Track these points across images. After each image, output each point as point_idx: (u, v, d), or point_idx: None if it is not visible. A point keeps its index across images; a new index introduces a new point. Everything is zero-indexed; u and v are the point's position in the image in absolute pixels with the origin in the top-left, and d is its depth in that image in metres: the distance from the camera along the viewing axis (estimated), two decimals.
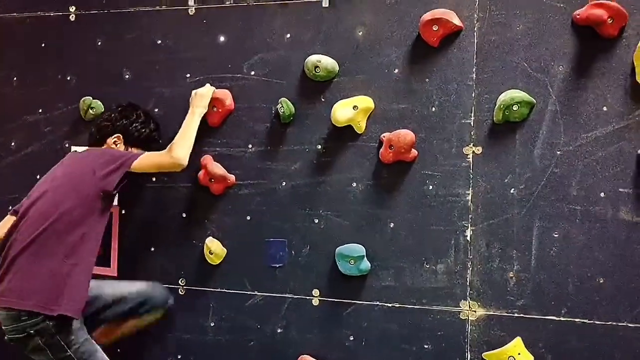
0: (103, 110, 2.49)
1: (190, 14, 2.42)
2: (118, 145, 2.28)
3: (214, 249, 2.38)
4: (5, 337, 2.06)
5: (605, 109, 2.04)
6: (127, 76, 2.48)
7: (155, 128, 2.37)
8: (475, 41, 2.16)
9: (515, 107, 2.09)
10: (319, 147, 2.31)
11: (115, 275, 2.52)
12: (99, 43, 2.52)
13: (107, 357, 2.15)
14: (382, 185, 2.25)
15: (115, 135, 2.28)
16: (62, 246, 2.05)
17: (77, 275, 2.06)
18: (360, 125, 2.26)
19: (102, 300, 2.24)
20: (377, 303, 2.24)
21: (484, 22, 2.15)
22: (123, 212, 2.52)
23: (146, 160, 2.16)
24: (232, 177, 2.39)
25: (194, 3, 2.42)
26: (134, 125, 2.30)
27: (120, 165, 2.13)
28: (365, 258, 2.23)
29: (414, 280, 2.20)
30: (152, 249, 2.48)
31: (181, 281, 2.45)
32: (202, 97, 2.29)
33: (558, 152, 2.08)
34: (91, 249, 2.13)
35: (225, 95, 2.37)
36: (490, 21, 2.14)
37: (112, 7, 2.51)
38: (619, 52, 2.02)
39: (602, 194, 2.03)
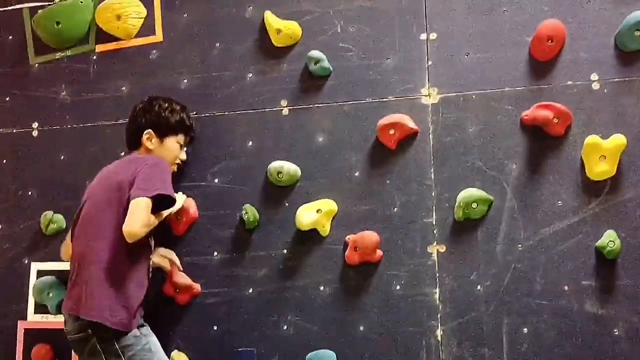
0: (64, 225, 2.46)
1: None
2: (153, 141, 2.21)
3: None
4: (68, 338, 2.08)
5: (560, 203, 2.10)
6: None
7: (182, 109, 2.29)
8: (431, 143, 2.24)
9: (474, 205, 2.14)
10: (285, 251, 2.31)
11: None
12: (62, 157, 2.53)
13: None
14: (349, 288, 2.24)
15: (146, 132, 2.21)
16: (106, 257, 2.02)
17: (123, 289, 2.02)
18: (325, 228, 2.28)
19: None
20: None
21: (438, 124, 2.23)
22: None
23: (141, 217, 2.00)
24: (197, 287, 2.35)
25: None
26: (160, 115, 2.22)
27: (152, 189, 2.03)
28: None
29: None
30: None
31: None
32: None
33: (519, 247, 2.12)
34: (134, 265, 2.07)
35: (189, 204, 2.38)
36: (443, 123, 2.23)
37: (75, 122, 2.54)
38: (568, 149, 2.12)
39: (565, 288, 2.05)
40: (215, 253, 2.35)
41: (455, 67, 2.23)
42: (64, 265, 2.32)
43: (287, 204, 2.33)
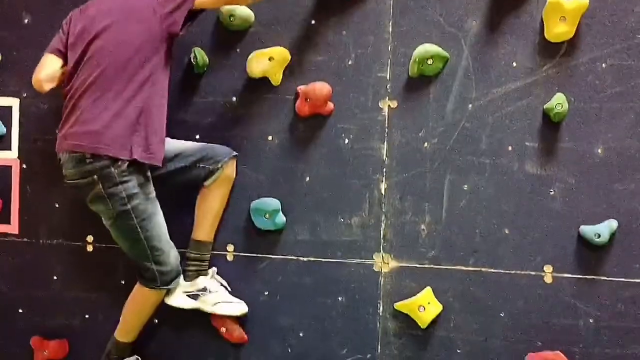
0: None
1: None
2: None
3: None
4: (65, 182, 2.01)
5: (514, 64, 2.08)
6: None
7: None
8: None
9: (429, 61, 2.10)
10: (234, 99, 2.25)
11: (17, 232, 2.38)
12: None
13: (164, 224, 2.06)
14: (298, 139, 2.22)
15: None
16: (128, 87, 1.93)
17: (146, 120, 1.96)
18: (276, 77, 2.21)
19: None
20: (292, 257, 2.23)
21: None
22: (24, 166, 2.39)
23: None
24: None
25: None
26: None
27: (182, 2, 1.95)
28: (281, 212, 2.20)
29: (328, 234, 2.20)
30: (57, 205, 2.37)
31: (89, 238, 2.35)
32: None
33: (470, 107, 2.11)
34: (160, 93, 2.01)
35: None
36: None
37: None
38: (529, 9, 2.07)
39: (509, 148, 2.08)
40: None
41: None
42: None
43: (238, 50, 2.24)
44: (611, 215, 2.00)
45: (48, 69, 2.09)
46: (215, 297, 2.15)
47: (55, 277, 2.38)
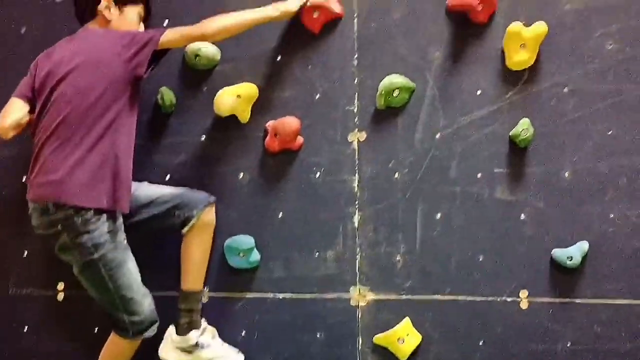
0: None
1: None
2: (112, 11, 2.03)
3: None
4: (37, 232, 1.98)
5: (479, 92, 2.11)
6: None
7: None
8: (356, 28, 2.17)
9: (395, 93, 2.12)
10: (203, 138, 2.24)
11: None
12: None
13: (136, 271, 1.99)
14: (269, 175, 2.22)
15: None
16: (90, 133, 1.89)
17: (111, 166, 1.91)
18: (245, 115, 2.21)
19: (136, 200, 2.04)
20: (269, 295, 2.20)
21: (363, 9, 2.16)
22: None
23: (173, 33, 1.96)
24: None
25: None
26: None
27: (145, 44, 1.93)
28: (255, 249, 2.18)
29: (304, 270, 2.18)
30: (25, 254, 2.33)
31: (59, 286, 2.30)
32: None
33: (437, 136, 2.13)
34: (125, 137, 1.97)
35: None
36: (369, 8, 2.16)
37: None
38: (490, 38, 2.10)
39: (479, 175, 2.10)
40: None
41: None
42: None
43: (205, 89, 2.24)
44: (582, 237, 2.02)
45: (14, 115, 2.05)
46: (208, 352, 2.09)
47: (26, 329, 2.32)
